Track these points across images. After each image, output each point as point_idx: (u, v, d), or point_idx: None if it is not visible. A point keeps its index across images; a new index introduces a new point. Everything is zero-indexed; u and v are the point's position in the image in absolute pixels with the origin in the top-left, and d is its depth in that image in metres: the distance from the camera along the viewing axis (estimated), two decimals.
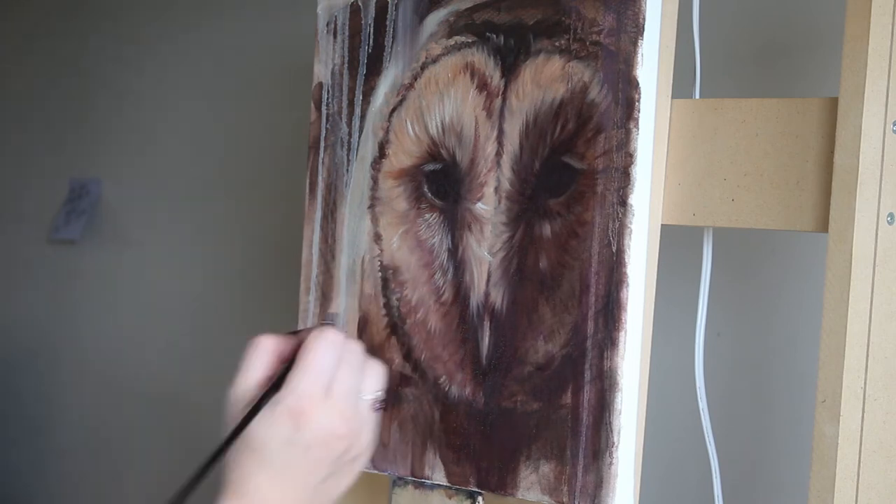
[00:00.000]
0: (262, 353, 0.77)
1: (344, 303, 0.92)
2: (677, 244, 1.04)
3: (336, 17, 0.96)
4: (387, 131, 0.92)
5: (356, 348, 0.78)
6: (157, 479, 1.95)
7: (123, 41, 2.08)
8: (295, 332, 0.81)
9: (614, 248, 0.79)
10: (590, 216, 0.80)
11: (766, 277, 1.19)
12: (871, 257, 0.75)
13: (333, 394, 0.75)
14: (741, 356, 1.20)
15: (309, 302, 0.97)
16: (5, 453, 2.25)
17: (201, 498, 0.74)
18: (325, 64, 0.97)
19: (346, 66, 0.95)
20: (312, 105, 0.97)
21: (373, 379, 0.78)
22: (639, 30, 0.79)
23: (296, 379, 0.74)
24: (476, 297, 0.86)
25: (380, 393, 0.78)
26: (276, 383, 0.75)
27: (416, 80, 0.91)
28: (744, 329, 1.20)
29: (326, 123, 0.96)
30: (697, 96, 0.89)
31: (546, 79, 0.83)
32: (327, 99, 0.96)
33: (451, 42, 0.89)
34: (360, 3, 0.95)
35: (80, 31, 2.18)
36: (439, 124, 0.89)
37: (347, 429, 0.75)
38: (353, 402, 0.76)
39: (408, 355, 0.90)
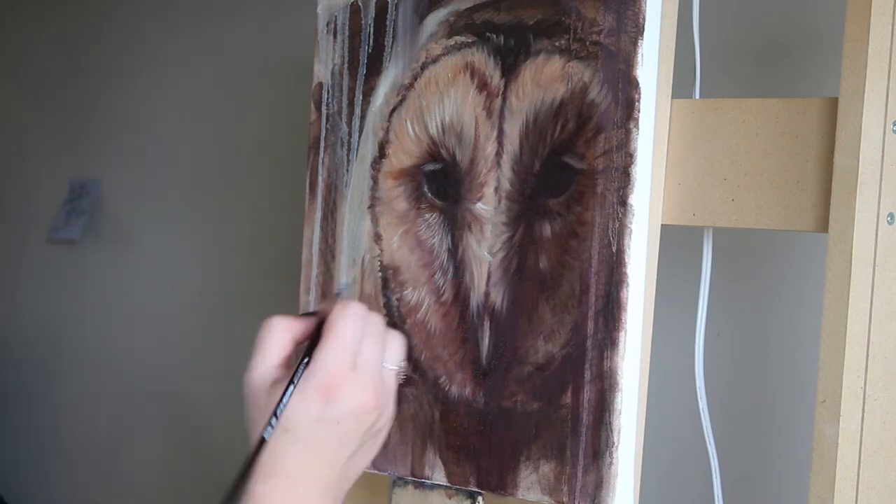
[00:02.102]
0: (277, 333, 0.77)
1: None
2: (677, 244, 1.04)
3: (336, 17, 0.96)
4: (387, 131, 0.92)
5: (378, 319, 0.78)
6: (159, 477, 1.95)
7: (123, 41, 2.08)
8: (309, 314, 0.80)
9: (614, 248, 0.79)
10: (590, 216, 0.80)
11: (766, 277, 1.19)
12: (871, 257, 0.75)
13: (359, 366, 0.75)
14: (741, 356, 1.20)
15: (309, 302, 0.97)
16: (6, 453, 2.25)
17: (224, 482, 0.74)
18: (325, 64, 0.97)
19: (346, 66, 0.95)
20: (312, 105, 0.97)
21: (395, 349, 0.78)
22: (639, 30, 0.79)
23: (323, 354, 0.74)
24: (476, 297, 0.86)
25: (403, 363, 0.78)
26: (304, 360, 0.75)
27: (416, 80, 0.91)
28: (744, 329, 1.20)
29: (326, 123, 0.97)
30: (697, 96, 0.89)
31: (546, 79, 0.83)
32: (327, 99, 0.96)
33: (451, 42, 0.89)
34: (360, 3, 0.95)
35: (80, 30, 2.18)
36: (439, 124, 0.89)
37: (377, 400, 0.75)
38: (378, 372, 0.76)
39: (408, 355, 0.90)
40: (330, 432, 0.74)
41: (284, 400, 0.74)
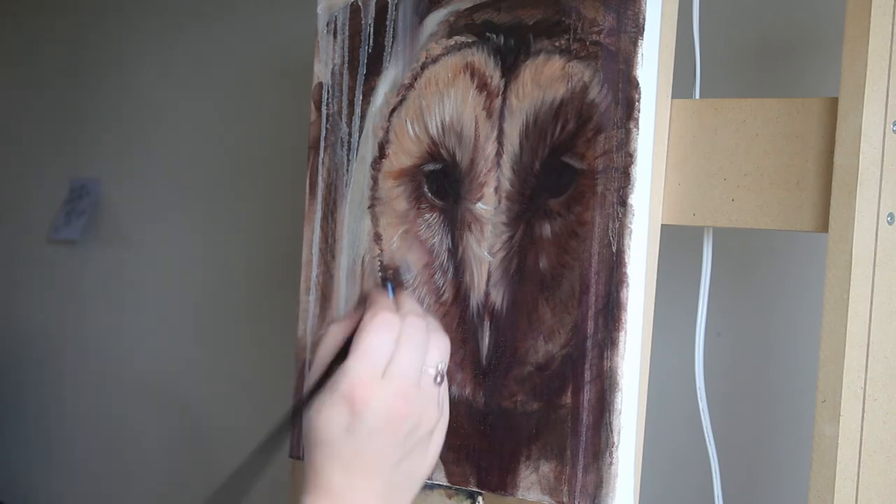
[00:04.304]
0: (331, 345, 0.76)
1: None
2: (677, 244, 1.04)
3: (336, 17, 0.96)
4: (387, 131, 0.92)
5: (416, 322, 0.76)
6: (159, 477, 1.95)
7: (123, 41, 2.08)
8: (360, 301, 0.79)
9: (614, 248, 0.79)
10: (590, 216, 0.80)
11: (766, 277, 1.19)
12: (871, 257, 0.75)
13: (391, 373, 0.73)
14: (741, 356, 1.20)
15: (309, 302, 0.97)
16: (6, 453, 2.25)
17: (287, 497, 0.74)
18: (325, 64, 0.97)
19: (346, 66, 0.95)
20: (312, 105, 0.97)
21: (436, 351, 0.76)
22: (639, 30, 0.79)
23: (349, 364, 0.73)
24: (476, 297, 0.86)
25: (441, 365, 0.76)
26: (332, 365, 0.75)
27: (416, 80, 0.91)
28: (744, 329, 1.20)
29: (326, 123, 0.96)
30: (697, 96, 0.89)
31: (546, 79, 0.83)
32: (327, 99, 0.96)
33: (451, 42, 0.89)
34: (360, 3, 0.95)
35: (79, 30, 2.18)
36: (439, 124, 0.89)
37: (408, 407, 0.73)
38: (414, 378, 0.74)
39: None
40: (363, 444, 0.73)
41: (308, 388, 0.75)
